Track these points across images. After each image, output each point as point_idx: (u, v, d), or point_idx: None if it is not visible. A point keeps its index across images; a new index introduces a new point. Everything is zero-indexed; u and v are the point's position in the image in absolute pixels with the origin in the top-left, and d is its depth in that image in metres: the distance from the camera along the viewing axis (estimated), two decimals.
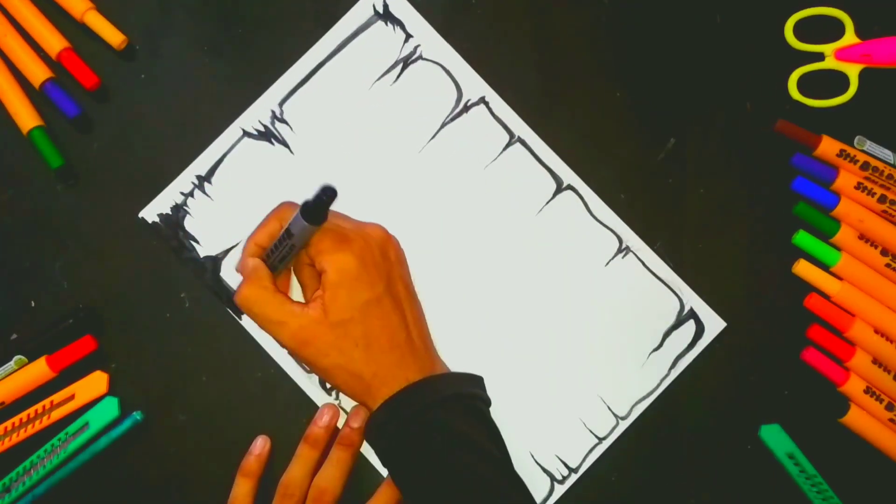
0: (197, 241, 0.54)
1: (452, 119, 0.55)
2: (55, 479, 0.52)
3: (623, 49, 0.56)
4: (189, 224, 0.54)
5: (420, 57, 0.55)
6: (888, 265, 0.53)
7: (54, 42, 0.54)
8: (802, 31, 0.56)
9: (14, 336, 0.54)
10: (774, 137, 0.55)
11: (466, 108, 0.55)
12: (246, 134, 0.54)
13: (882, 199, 0.53)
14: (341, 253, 0.47)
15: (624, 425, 0.53)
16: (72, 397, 0.52)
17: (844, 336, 0.53)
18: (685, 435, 0.54)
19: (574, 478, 0.53)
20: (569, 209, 0.55)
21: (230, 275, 0.54)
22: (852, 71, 0.55)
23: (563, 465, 0.53)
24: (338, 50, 0.55)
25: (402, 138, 0.55)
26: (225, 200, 0.54)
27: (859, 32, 0.55)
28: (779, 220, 0.55)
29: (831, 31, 0.55)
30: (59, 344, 0.53)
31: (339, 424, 0.52)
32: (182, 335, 0.54)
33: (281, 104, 0.55)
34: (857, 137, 0.54)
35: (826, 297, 0.54)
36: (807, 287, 0.54)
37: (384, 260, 0.49)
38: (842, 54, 0.55)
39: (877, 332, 0.53)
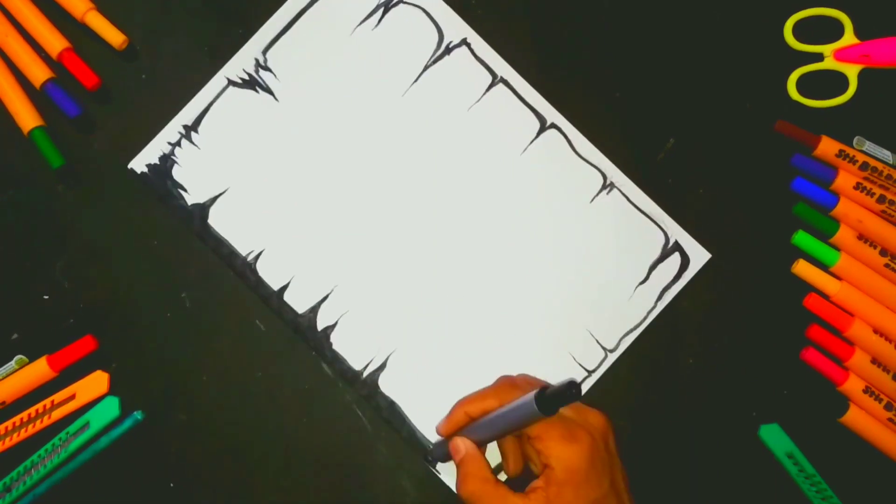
0: (185, 190, 0.54)
1: (435, 61, 0.55)
2: (56, 479, 0.52)
3: (623, 49, 0.56)
4: (177, 173, 0.54)
5: (400, 1, 0.56)
6: (887, 265, 0.53)
7: (55, 42, 0.54)
8: (802, 31, 0.56)
9: (15, 336, 0.54)
10: (774, 137, 0.55)
11: (448, 51, 0.56)
12: (231, 83, 0.55)
13: (881, 200, 0.53)
14: (570, 449, 0.44)
15: (612, 357, 0.54)
16: (72, 397, 0.52)
17: (844, 336, 0.53)
18: (684, 436, 0.54)
19: None
20: (553, 147, 0.55)
21: (217, 222, 0.54)
22: (851, 71, 0.55)
23: None
24: None
25: (385, 82, 0.55)
26: (212, 149, 0.55)
27: (858, 33, 0.55)
28: (778, 219, 0.55)
29: (830, 31, 0.56)
30: (59, 343, 0.53)
31: None
32: (182, 335, 0.54)
33: (264, 52, 0.55)
34: (856, 138, 0.54)
35: (825, 296, 0.54)
36: (806, 287, 0.54)
37: (608, 453, 0.46)
38: (841, 55, 0.55)
39: (876, 331, 0.53)
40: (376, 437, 0.53)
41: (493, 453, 0.49)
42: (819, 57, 0.56)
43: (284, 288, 0.54)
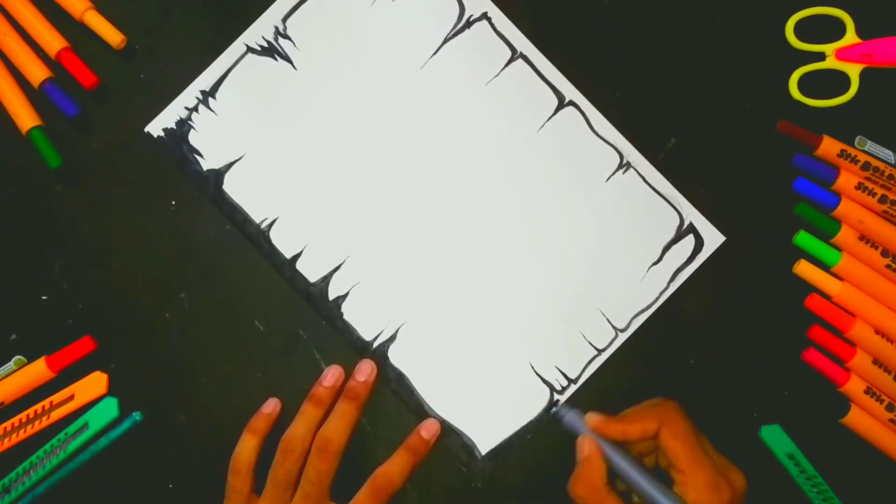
0: (201, 155, 0.54)
1: (454, 35, 0.55)
2: (55, 480, 0.52)
3: (623, 49, 0.56)
4: (193, 138, 0.55)
5: None
6: (889, 266, 0.53)
7: (53, 42, 0.54)
8: (803, 30, 0.55)
9: (13, 336, 0.53)
10: (775, 137, 0.55)
11: (468, 24, 0.55)
12: (250, 50, 0.55)
13: (883, 200, 0.53)
14: (709, 497, 0.44)
15: (623, 337, 0.54)
16: (71, 397, 0.52)
17: (845, 336, 0.53)
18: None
19: (573, 388, 0.53)
20: (570, 125, 0.55)
21: (232, 188, 0.54)
22: (853, 71, 0.55)
23: (562, 376, 0.53)
24: None
25: (404, 54, 0.55)
26: (229, 115, 0.55)
27: (860, 32, 0.55)
28: (779, 220, 0.55)
29: (832, 30, 0.55)
30: (58, 344, 0.53)
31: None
32: (182, 335, 0.54)
33: (284, 20, 0.55)
34: (857, 137, 0.54)
35: (827, 297, 0.54)
36: (807, 287, 0.54)
37: None
38: (842, 54, 0.55)
39: (877, 332, 0.53)
40: (376, 437, 0.53)
41: None
42: (820, 56, 0.55)
43: (297, 256, 0.54)
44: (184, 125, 0.55)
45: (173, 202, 0.55)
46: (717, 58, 0.56)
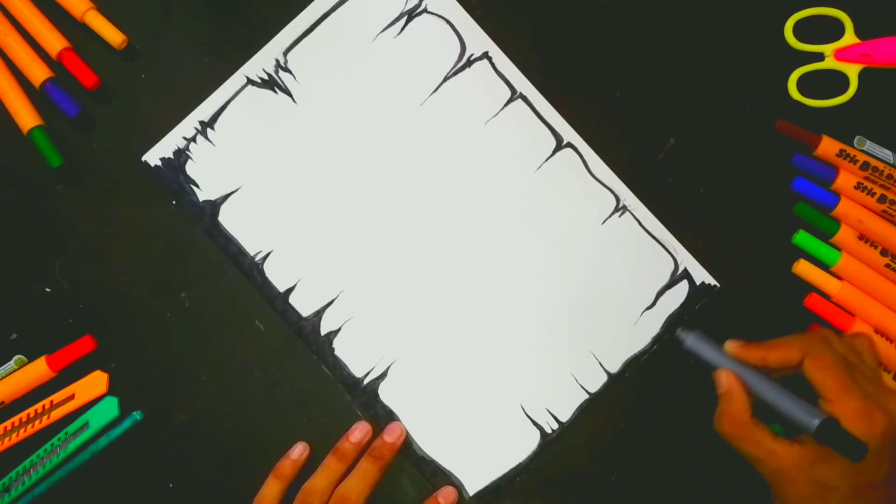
0: (197, 186, 0.54)
1: (455, 73, 0.55)
2: (55, 479, 0.52)
3: (623, 49, 0.56)
4: (190, 169, 0.54)
5: (425, 10, 0.56)
6: (888, 265, 0.53)
7: (55, 42, 0.54)
8: (802, 31, 0.56)
9: (14, 335, 0.54)
10: (774, 137, 0.55)
11: (469, 63, 0.55)
12: (250, 81, 0.55)
13: (882, 199, 0.53)
14: (860, 426, 0.42)
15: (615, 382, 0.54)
16: (71, 397, 0.52)
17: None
18: (685, 437, 0.54)
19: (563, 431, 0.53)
20: (568, 167, 0.55)
21: (228, 220, 0.54)
22: (852, 71, 0.55)
23: (552, 419, 0.53)
24: (343, 1, 0.56)
25: (404, 91, 0.55)
26: (226, 147, 0.55)
27: (859, 32, 0.55)
28: (779, 219, 0.55)
29: (831, 31, 0.55)
30: (58, 343, 0.53)
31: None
32: (182, 335, 0.54)
33: (285, 53, 0.55)
34: (856, 137, 0.54)
35: (826, 296, 0.54)
36: (807, 287, 0.54)
37: None
38: (841, 54, 0.55)
39: (876, 331, 0.53)
40: (376, 437, 0.53)
41: None
42: (819, 56, 0.56)
43: (290, 290, 0.54)
44: (181, 155, 0.54)
45: (173, 202, 0.55)
46: (717, 58, 0.56)
